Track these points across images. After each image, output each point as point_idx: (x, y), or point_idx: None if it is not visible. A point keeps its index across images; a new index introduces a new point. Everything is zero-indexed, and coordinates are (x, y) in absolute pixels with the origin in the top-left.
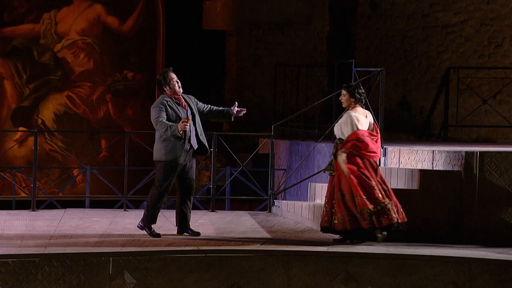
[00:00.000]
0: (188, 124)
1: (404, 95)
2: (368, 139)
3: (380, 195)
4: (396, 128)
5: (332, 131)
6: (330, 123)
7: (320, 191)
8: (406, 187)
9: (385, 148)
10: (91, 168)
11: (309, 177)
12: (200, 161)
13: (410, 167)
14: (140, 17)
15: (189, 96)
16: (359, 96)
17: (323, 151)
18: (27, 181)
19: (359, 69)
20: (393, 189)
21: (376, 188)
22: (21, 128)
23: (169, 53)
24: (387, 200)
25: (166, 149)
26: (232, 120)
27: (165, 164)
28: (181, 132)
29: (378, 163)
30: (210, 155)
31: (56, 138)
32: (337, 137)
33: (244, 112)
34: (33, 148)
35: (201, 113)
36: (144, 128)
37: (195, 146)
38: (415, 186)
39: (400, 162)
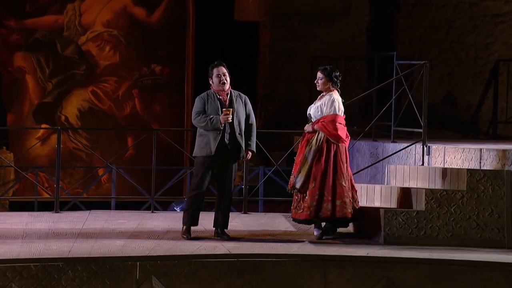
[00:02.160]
0: (230, 115)
1: (450, 90)
2: (341, 127)
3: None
4: (441, 125)
5: (372, 128)
6: (370, 119)
7: (359, 192)
8: (451, 188)
9: (429, 147)
10: (117, 168)
11: None
12: None
13: (456, 167)
14: (168, 7)
15: (242, 95)
16: (336, 80)
17: (362, 149)
18: (50, 181)
19: (401, 62)
20: (437, 190)
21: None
22: (43, 125)
23: (199, 46)
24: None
25: (201, 144)
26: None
27: (198, 159)
28: (223, 125)
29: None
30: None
31: (80, 135)
32: (313, 119)
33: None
34: (56, 146)
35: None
36: (173, 125)
37: (230, 144)
38: (461, 186)
39: (445, 161)
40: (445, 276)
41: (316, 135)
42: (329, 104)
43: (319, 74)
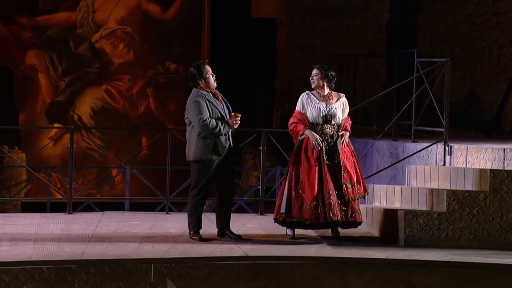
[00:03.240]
0: (239, 121)
1: (472, 88)
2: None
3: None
4: (463, 124)
5: (392, 127)
6: (390, 119)
7: (379, 193)
8: (474, 189)
9: (450, 146)
10: (131, 168)
11: (367, 178)
12: (248, 160)
13: (478, 167)
14: (183, 4)
15: (216, 91)
16: (331, 78)
17: (382, 149)
18: (63, 181)
19: (422, 59)
20: (459, 191)
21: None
22: (56, 125)
23: (215, 43)
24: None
25: (207, 148)
26: (231, 131)
27: (201, 164)
28: (230, 130)
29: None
30: (259, 153)
31: (94, 135)
32: (336, 123)
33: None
34: (69, 146)
35: None
36: None
37: (232, 143)
38: (484, 187)
39: (468, 161)
40: (468, 280)
41: (344, 137)
42: (347, 107)
43: (315, 71)
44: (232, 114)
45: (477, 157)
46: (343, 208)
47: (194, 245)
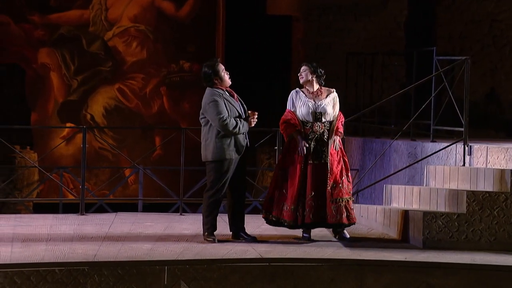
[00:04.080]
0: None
1: (493, 87)
2: None
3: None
4: (483, 124)
5: (410, 126)
6: (408, 118)
7: (396, 193)
8: (494, 190)
9: (470, 146)
10: (144, 168)
11: (384, 178)
12: (263, 160)
13: (499, 167)
14: (197, 1)
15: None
16: (320, 74)
17: (400, 149)
18: (75, 182)
19: (441, 58)
20: (480, 192)
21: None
22: (68, 124)
23: (230, 41)
24: None
25: (227, 145)
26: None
27: (218, 164)
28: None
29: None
30: (274, 153)
31: (106, 135)
32: (327, 120)
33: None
34: (81, 146)
35: None
36: None
37: (248, 142)
38: (504, 188)
39: (488, 161)
40: (488, 283)
41: (335, 141)
42: (337, 102)
43: (303, 67)
44: (249, 112)
45: (498, 157)
46: (326, 209)
47: (209, 247)
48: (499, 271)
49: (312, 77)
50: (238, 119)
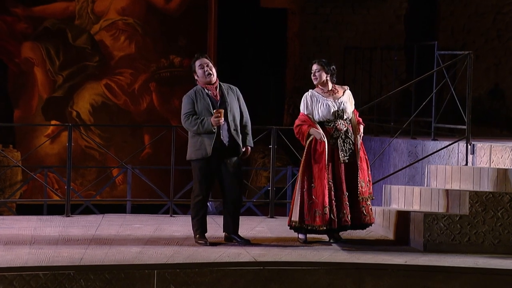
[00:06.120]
0: (222, 117)
1: (497, 83)
2: None
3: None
4: (487, 121)
5: (410, 124)
6: (408, 115)
7: (396, 194)
8: (498, 190)
9: (473, 145)
10: (133, 168)
11: (383, 178)
12: (258, 159)
13: (503, 167)
14: None
15: (232, 87)
16: (333, 72)
17: (400, 148)
18: (60, 182)
19: (442, 52)
20: (483, 192)
21: None
22: (53, 122)
23: (222, 35)
24: None
25: (195, 146)
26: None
27: (195, 163)
28: (215, 127)
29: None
30: (269, 152)
31: (93, 133)
32: (347, 117)
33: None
34: (66, 144)
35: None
36: None
37: (226, 142)
38: (509, 188)
39: (492, 160)
40: (491, 287)
41: (360, 132)
42: (352, 100)
43: (315, 66)
44: (214, 111)
45: (502, 157)
46: (356, 209)
47: (200, 250)
48: (504, 276)
49: (326, 77)
50: (200, 117)
